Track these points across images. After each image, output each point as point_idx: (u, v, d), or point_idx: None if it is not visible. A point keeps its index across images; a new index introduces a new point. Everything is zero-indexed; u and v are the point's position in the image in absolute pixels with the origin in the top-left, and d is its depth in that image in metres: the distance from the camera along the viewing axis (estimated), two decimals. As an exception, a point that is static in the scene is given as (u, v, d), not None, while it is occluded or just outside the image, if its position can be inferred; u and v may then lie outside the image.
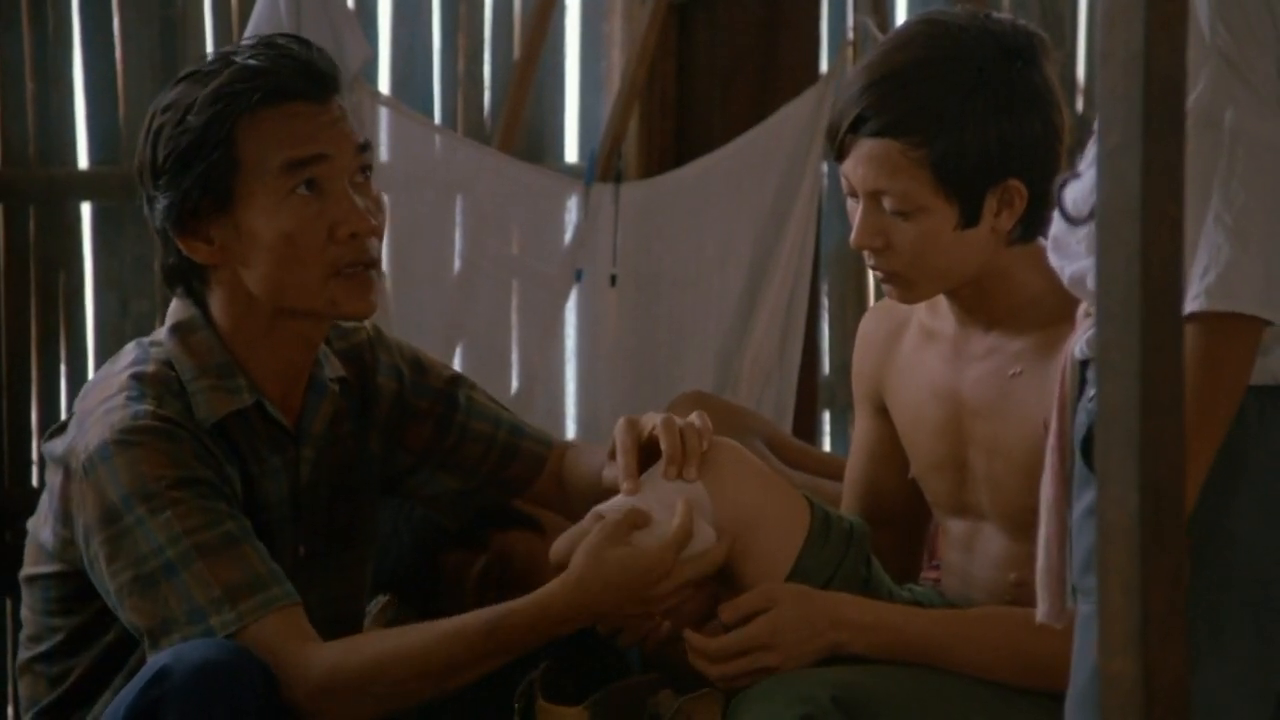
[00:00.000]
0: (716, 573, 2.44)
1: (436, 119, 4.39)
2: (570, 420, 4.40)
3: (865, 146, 2.42)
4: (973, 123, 2.39)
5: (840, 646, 2.41)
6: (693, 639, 2.41)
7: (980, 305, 2.50)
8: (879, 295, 4.21)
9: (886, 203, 2.43)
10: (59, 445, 2.46)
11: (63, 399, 4.24)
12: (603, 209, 4.30)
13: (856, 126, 2.42)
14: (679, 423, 2.47)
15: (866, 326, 2.70)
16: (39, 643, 2.52)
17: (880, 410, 2.67)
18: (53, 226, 4.22)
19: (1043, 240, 2.45)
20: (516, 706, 2.53)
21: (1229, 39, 1.81)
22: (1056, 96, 2.43)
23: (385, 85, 4.34)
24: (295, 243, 2.44)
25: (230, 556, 2.37)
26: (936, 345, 2.57)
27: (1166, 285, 1.39)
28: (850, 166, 2.44)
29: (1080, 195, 1.90)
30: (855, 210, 2.46)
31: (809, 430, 4.60)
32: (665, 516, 2.41)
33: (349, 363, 2.65)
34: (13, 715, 3.17)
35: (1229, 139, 1.80)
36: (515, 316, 4.33)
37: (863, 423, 2.71)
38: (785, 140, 4.40)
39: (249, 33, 3.73)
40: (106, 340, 4.22)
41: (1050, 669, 2.34)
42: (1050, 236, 2.00)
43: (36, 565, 2.51)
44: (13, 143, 4.17)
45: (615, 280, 4.33)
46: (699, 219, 4.39)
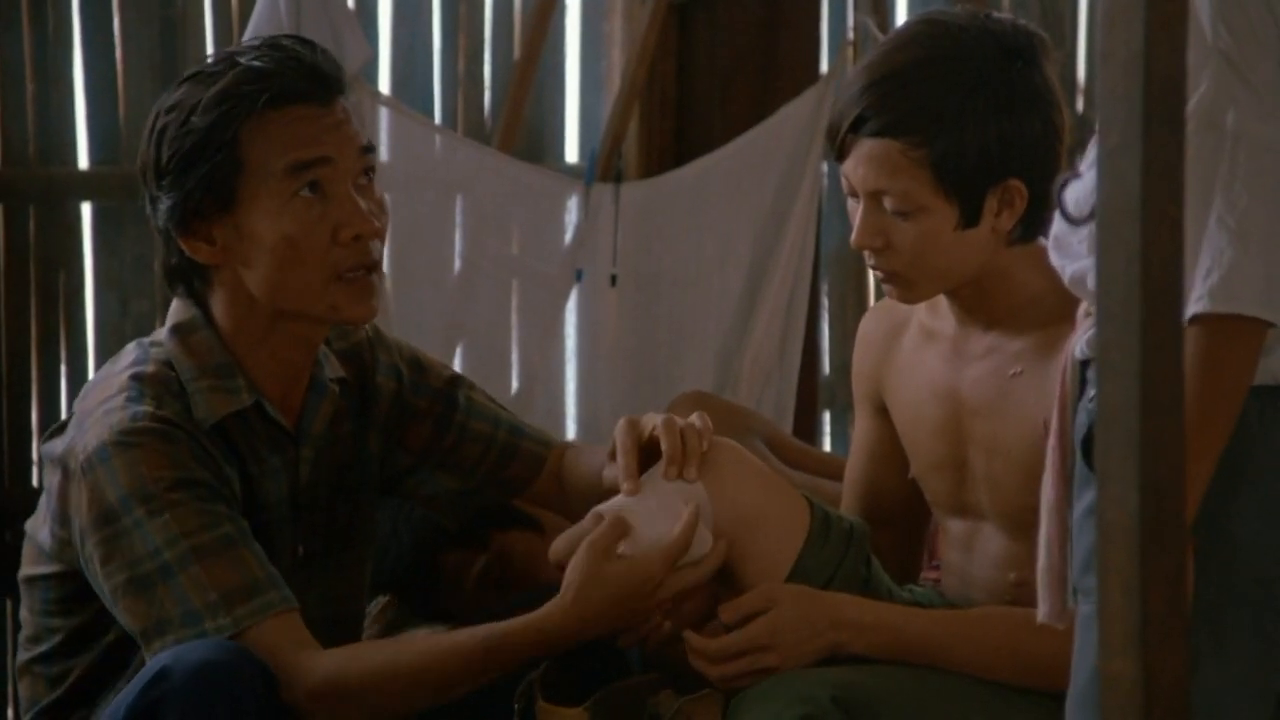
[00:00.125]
0: (716, 573, 2.44)
1: (436, 119, 4.39)
2: (570, 420, 4.40)
3: (865, 146, 2.42)
4: (973, 123, 2.38)
5: (840, 647, 2.41)
6: (692, 639, 2.41)
7: (980, 305, 2.50)
8: (879, 295, 4.21)
9: (887, 203, 2.43)
10: (58, 445, 2.45)
11: (63, 399, 4.24)
12: (603, 209, 4.30)
13: (857, 126, 2.42)
14: (679, 423, 2.47)
15: (866, 326, 2.70)
16: (38, 643, 2.52)
17: (880, 410, 2.67)
18: (53, 226, 4.22)
19: (1043, 240, 2.45)
20: (516, 707, 2.53)
21: (1230, 40, 1.81)
22: (1057, 96, 2.43)
23: (385, 85, 4.34)
24: (297, 245, 2.43)
25: (227, 560, 2.37)
26: (936, 345, 2.57)
27: (1166, 285, 1.39)
28: (850, 166, 2.44)
29: (1081, 195, 1.90)
30: (855, 210, 2.46)
31: (809, 430, 4.60)
32: (665, 517, 2.41)
33: (348, 363, 2.65)
34: (13, 716, 3.17)
35: (1231, 141, 1.80)
36: (515, 316, 4.33)
37: (863, 423, 2.71)
38: (785, 140, 4.40)
39: (249, 33, 3.73)
40: (106, 340, 4.22)
41: (1050, 669, 2.34)
42: (1051, 236, 2.00)
43: (35, 566, 2.51)
44: (13, 143, 4.17)
45: (615, 280, 4.33)
46: (699, 219, 4.38)
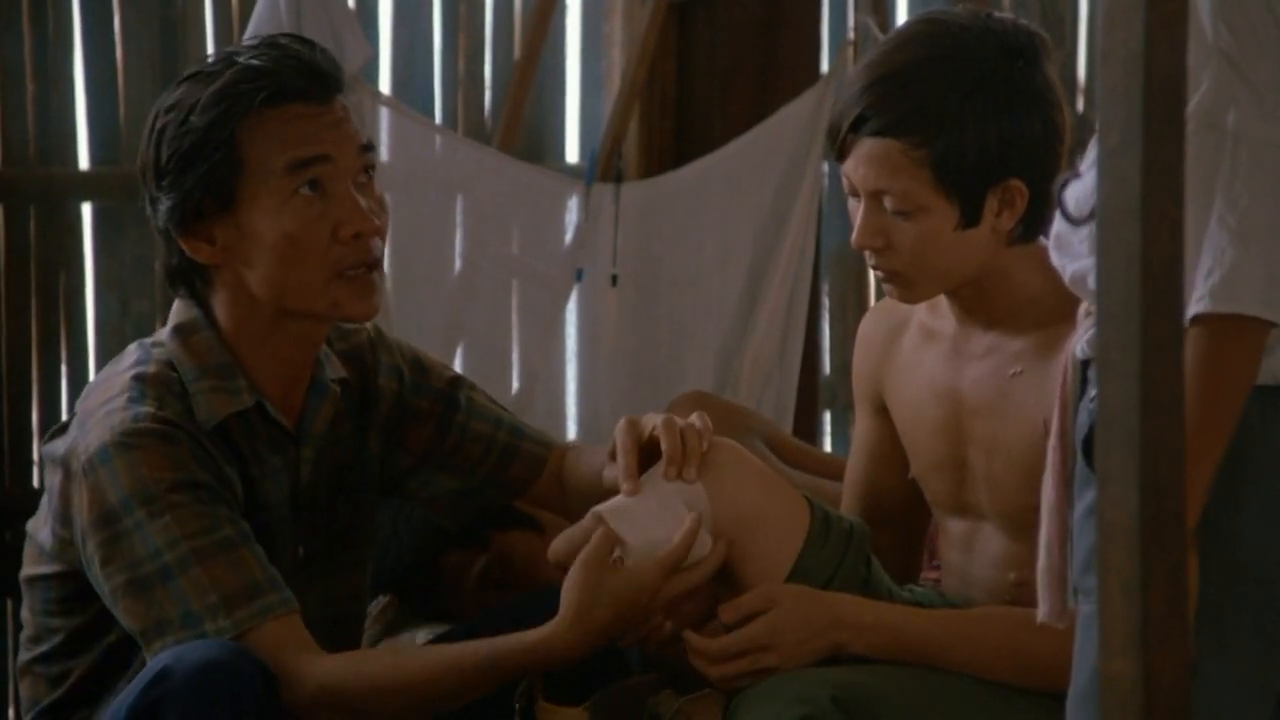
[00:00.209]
0: (716, 574, 2.44)
1: (437, 119, 4.39)
2: (570, 420, 4.40)
3: (866, 146, 2.42)
4: (973, 122, 2.38)
5: (840, 647, 2.41)
6: (692, 640, 2.41)
7: (980, 305, 2.50)
8: (879, 295, 4.21)
9: (887, 202, 2.43)
10: (60, 446, 2.45)
11: (63, 399, 4.24)
12: (603, 209, 4.30)
13: (857, 126, 2.42)
14: (679, 423, 2.47)
15: (866, 326, 2.70)
16: (39, 644, 2.52)
17: (880, 410, 2.67)
18: (53, 226, 4.22)
19: (1043, 240, 2.45)
20: (516, 707, 2.53)
21: (1231, 39, 1.81)
22: (1057, 96, 2.43)
23: (385, 85, 4.34)
24: (298, 243, 2.43)
25: (228, 562, 2.37)
26: (936, 345, 2.57)
27: (1166, 285, 1.39)
28: (851, 166, 2.44)
29: (1081, 195, 1.90)
30: (856, 210, 2.46)
31: (809, 430, 4.60)
32: (665, 517, 2.41)
33: (350, 363, 2.65)
34: (13, 716, 3.17)
35: (1231, 140, 1.80)
36: (515, 316, 4.33)
37: (863, 423, 2.71)
38: (785, 140, 4.40)
39: (249, 32, 3.73)
40: (107, 341, 4.22)
41: (1050, 669, 2.33)
42: (1052, 235, 2.00)
43: (36, 566, 2.51)
44: (13, 143, 4.17)
45: (615, 280, 4.33)
46: (699, 219, 4.38)
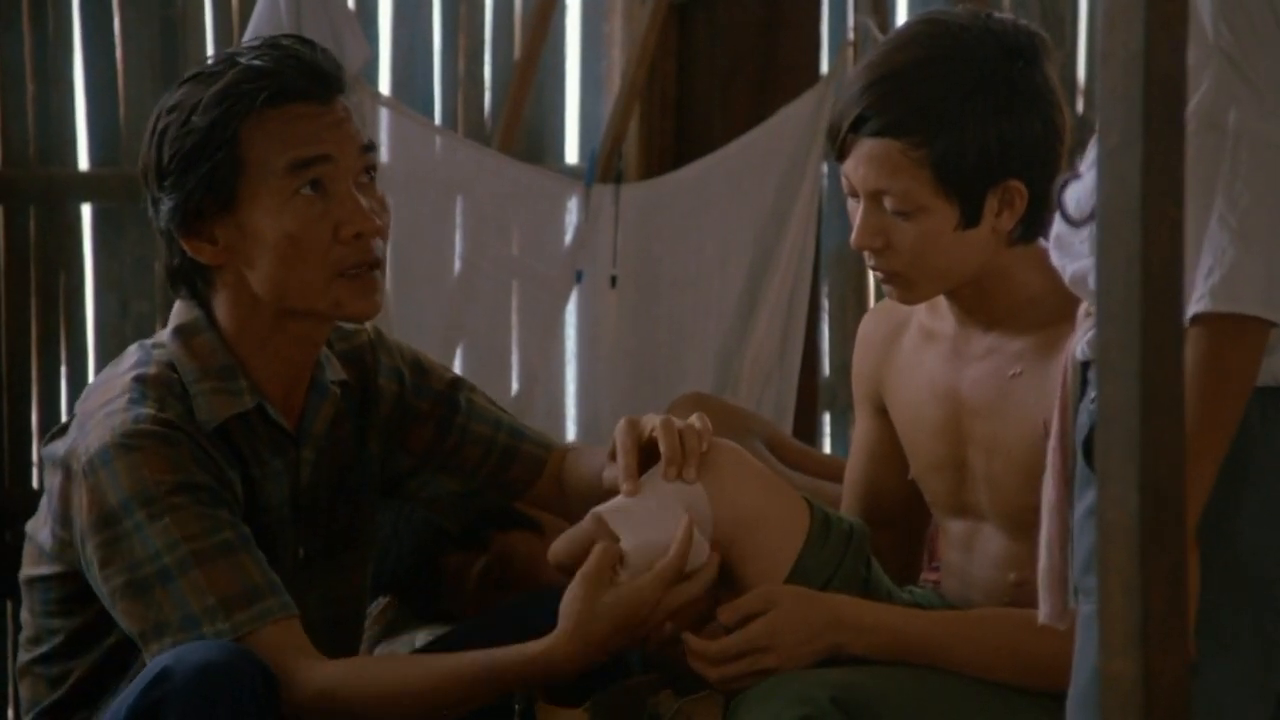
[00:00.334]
0: (714, 579, 2.44)
1: (436, 119, 4.39)
2: (570, 421, 4.40)
3: (866, 146, 2.42)
4: (973, 123, 2.38)
5: (840, 648, 2.41)
6: (691, 641, 2.40)
7: (980, 305, 2.50)
8: (879, 296, 4.21)
9: (887, 203, 2.43)
10: (60, 447, 2.45)
11: (63, 400, 4.24)
12: (603, 210, 4.30)
13: (857, 126, 2.42)
14: (678, 424, 2.47)
15: (866, 327, 2.70)
16: (38, 644, 2.52)
17: (880, 411, 2.67)
18: (53, 227, 4.22)
19: (1043, 240, 2.45)
20: (516, 707, 2.53)
21: (1232, 38, 1.81)
22: (1057, 96, 2.43)
23: (385, 85, 4.34)
24: (299, 243, 2.43)
25: (227, 565, 2.37)
26: (936, 345, 2.56)
27: (1166, 285, 1.39)
28: (851, 166, 2.44)
29: (1081, 196, 1.90)
30: (856, 210, 2.46)
31: (809, 431, 4.60)
32: (665, 518, 2.41)
33: (350, 365, 2.65)
34: (13, 717, 3.17)
35: (1232, 140, 1.80)
36: (515, 317, 4.33)
37: (863, 423, 2.71)
38: (785, 141, 4.40)
39: (249, 33, 3.73)
40: (107, 341, 4.22)
41: (1050, 669, 2.33)
42: (1053, 235, 2.00)
43: (35, 567, 2.50)
44: (13, 143, 4.17)
45: (615, 281, 4.33)
46: (699, 219, 4.38)
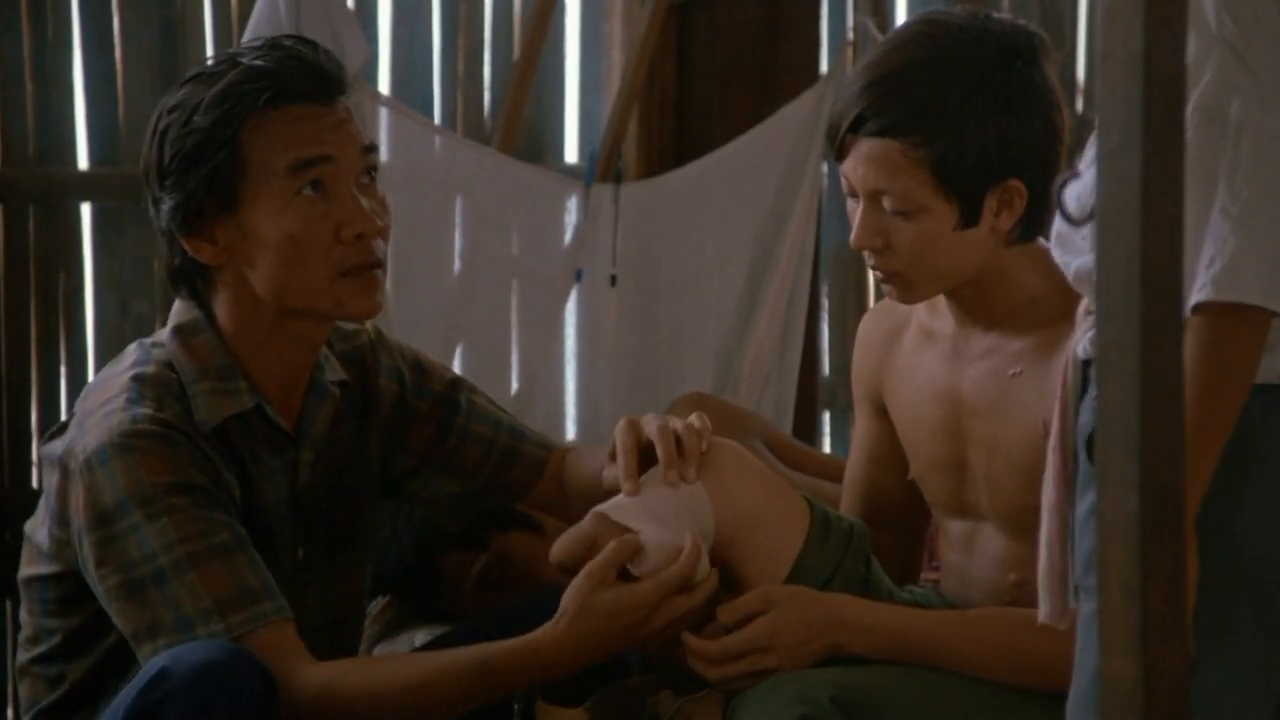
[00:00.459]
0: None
1: (436, 119, 4.39)
2: (570, 421, 4.40)
3: (865, 146, 2.42)
4: (973, 123, 2.38)
5: (839, 648, 2.41)
6: (691, 642, 2.40)
7: (980, 305, 2.50)
8: (879, 295, 4.21)
9: (886, 203, 2.43)
10: (58, 446, 2.45)
11: (63, 400, 4.24)
12: (603, 209, 4.30)
13: (856, 126, 2.42)
14: (676, 424, 2.47)
15: (866, 327, 2.70)
16: (37, 644, 2.52)
17: (880, 411, 2.67)
18: (53, 226, 4.22)
19: (1042, 240, 2.45)
20: (516, 708, 2.53)
21: (1235, 29, 1.81)
22: (1056, 96, 2.43)
23: (385, 85, 4.34)
24: (301, 244, 2.43)
25: (223, 567, 2.36)
26: (936, 345, 2.56)
27: (1166, 285, 1.39)
28: (850, 166, 2.44)
29: (1081, 195, 1.90)
30: (855, 210, 2.46)
31: (809, 431, 4.60)
32: (664, 519, 2.40)
33: (350, 365, 2.65)
34: (13, 717, 3.17)
35: (1234, 130, 1.80)
36: (515, 317, 4.33)
37: (862, 423, 2.71)
38: (785, 140, 4.40)
39: (248, 33, 3.73)
40: (106, 341, 4.22)
41: (1050, 669, 2.33)
42: (1054, 232, 2.00)
43: (34, 566, 2.50)
44: (13, 143, 4.17)
45: (615, 281, 4.33)
46: (699, 219, 4.38)
